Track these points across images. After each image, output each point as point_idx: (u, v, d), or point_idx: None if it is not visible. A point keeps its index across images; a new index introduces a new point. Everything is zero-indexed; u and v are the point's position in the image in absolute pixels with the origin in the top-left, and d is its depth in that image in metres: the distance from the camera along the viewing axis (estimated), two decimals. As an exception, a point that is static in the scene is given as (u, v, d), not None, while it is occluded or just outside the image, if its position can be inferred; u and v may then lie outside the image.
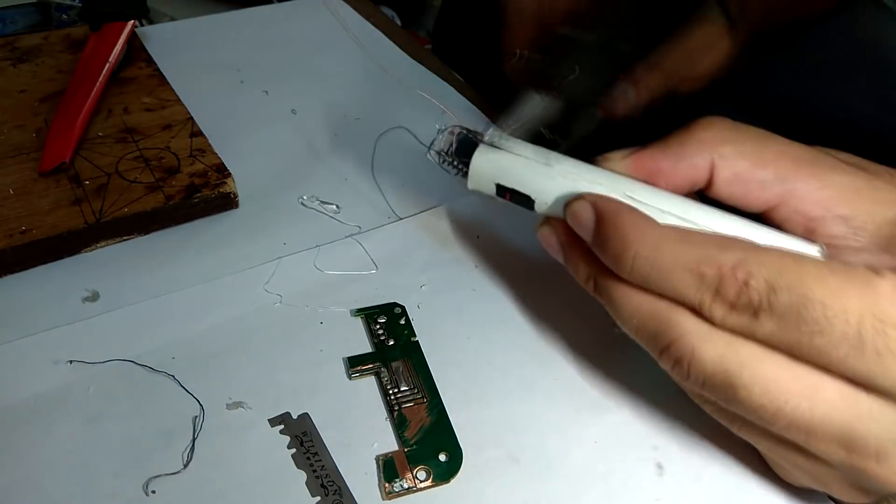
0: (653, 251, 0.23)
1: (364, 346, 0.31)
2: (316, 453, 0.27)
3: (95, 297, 0.33)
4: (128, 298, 0.33)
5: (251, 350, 0.31)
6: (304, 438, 0.28)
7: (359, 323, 0.32)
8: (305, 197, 0.39)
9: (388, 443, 0.28)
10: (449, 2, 0.74)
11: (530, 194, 0.27)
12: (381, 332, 0.32)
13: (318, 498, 0.26)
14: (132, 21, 0.45)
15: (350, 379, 0.30)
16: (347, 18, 0.55)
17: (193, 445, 0.27)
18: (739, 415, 0.24)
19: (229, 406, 0.29)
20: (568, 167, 0.27)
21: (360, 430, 0.28)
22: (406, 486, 0.27)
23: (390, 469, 0.27)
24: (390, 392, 0.29)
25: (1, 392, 0.29)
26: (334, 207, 0.38)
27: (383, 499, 0.26)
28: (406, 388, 0.30)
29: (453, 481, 0.27)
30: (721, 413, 0.25)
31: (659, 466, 0.28)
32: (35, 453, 0.27)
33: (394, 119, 0.45)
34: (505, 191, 0.28)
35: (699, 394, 0.25)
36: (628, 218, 0.24)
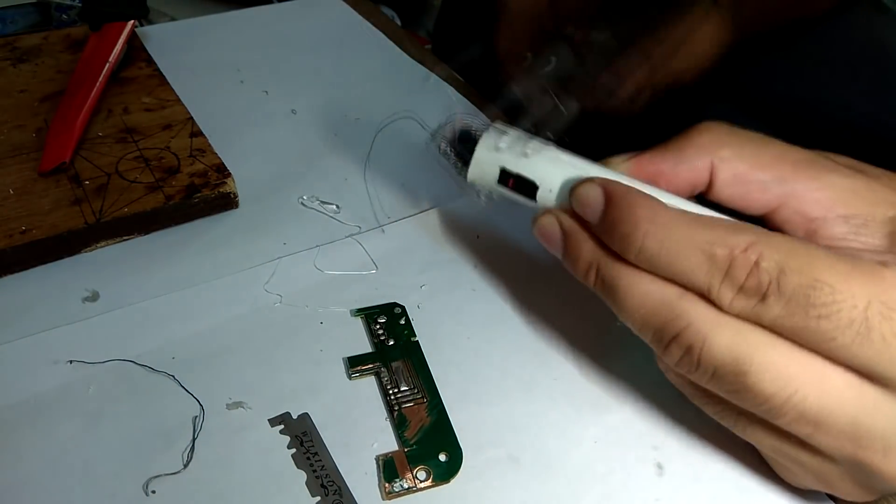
0: (663, 231, 0.23)
1: (364, 346, 0.31)
2: (316, 453, 0.27)
3: (95, 297, 0.33)
4: (128, 298, 0.33)
5: (251, 350, 0.31)
6: (304, 438, 0.28)
7: (359, 323, 0.32)
8: (305, 197, 0.39)
9: (388, 443, 0.28)
10: (449, 2, 0.74)
11: (535, 180, 0.27)
12: (381, 332, 0.32)
13: (318, 498, 0.26)
14: (132, 21, 0.45)
15: (350, 379, 0.30)
16: (347, 18, 0.55)
17: (193, 445, 0.27)
18: (745, 410, 0.24)
19: (229, 406, 0.29)
20: (574, 158, 0.27)
21: (360, 430, 0.28)
22: (406, 486, 0.27)
23: (390, 469, 0.27)
24: (390, 392, 0.29)
25: (1, 392, 0.29)
26: (334, 207, 0.38)
27: (383, 499, 0.26)
28: (406, 388, 0.30)
29: (453, 481, 0.27)
30: (724, 412, 0.25)
31: (659, 466, 0.28)
32: (35, 453, 0.27)
33: (393, 118, 0.45)
34: (508, 177, 0.27)
35: (704, 389, 0.25)
36: (639, 198, 0.24)
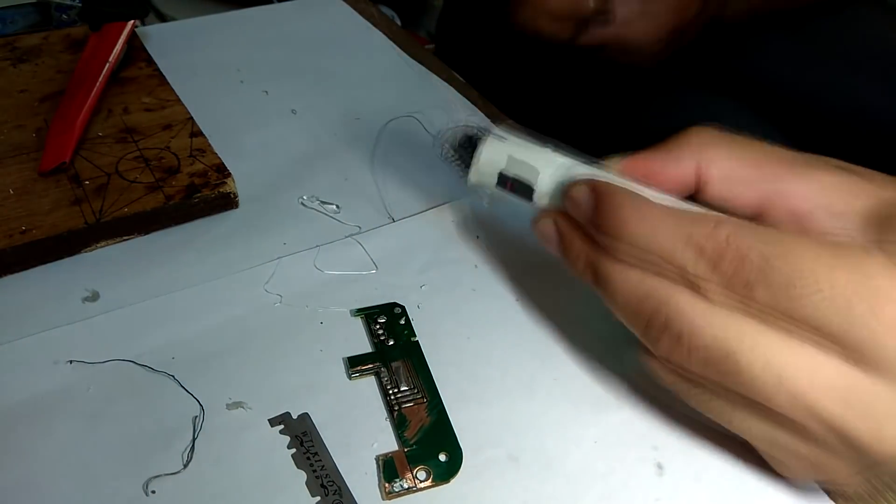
0: (649, 225, 0.24)
1: (364, 346, 0.31)
2: (316, 453, 0.27)
3: (95, 297, 0.33)
4: (128, 298, 0.33)
5: (251, 350, 0.31)
6: (304, 438, 0.28)
7: (359, 323, 0.32)
8: (305, 197, 0.39)
9: (388, 443, 0.28)
10: (451, 3, 0.74)
11: (531, 183, 0.29)
12: (381, 332, 0.32)
13: (318, 498, 0.26)
14: (132, 21, 0.45)
15: (350, 379, 0.30)
16: (347, 18, 0.55)
17: (193, 445, 0.27)
18: (739, 400, 0.24)
19: (229, 406, 0.29)
20: (568, 160, 0.29)
21: (360, 430, 0.28)
22: (406, 486, 0.27)
23: (390, 469, 0.27)
24: (390, 392, 0.29)
25: (1, 392, 0.29)
26: (334, 207, 0.38)
27: (383, 499, 0.26)
28: (406, 388, 0.30)
29: (453, 481, 0.27)
30: (719, 405, 0.25)
31: (659, 466, 0.28)
32: (35, 453, 0.27)
33: (394, 119, 0.45)
34: (507, 180, 0.29)
35: (697, 382, 0.25)
36: (626, 195, 0.25)
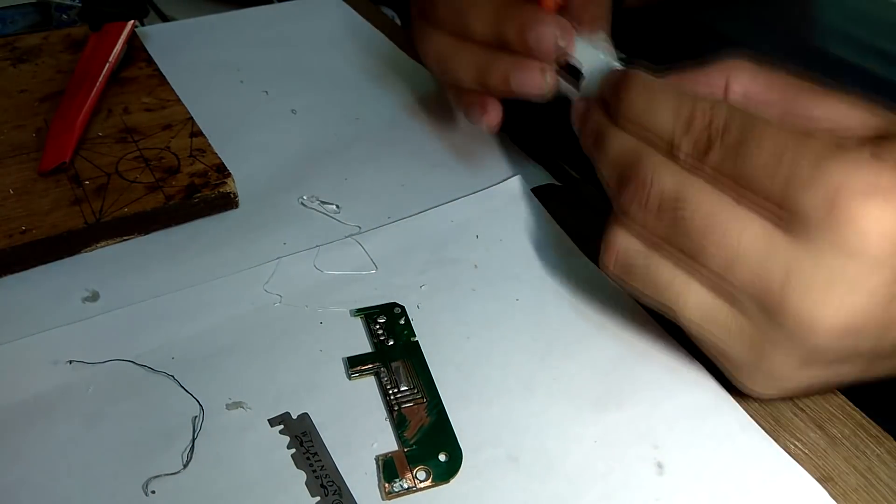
0: (648, 94, 0.28)
1: (364, 346, 0.31)
2: (316, 453, 0.27)
3: (95, 297, 0.33)
4: (127, 298, 0.33)
5: (251, 350, 0.31)
6: (304, 438, 0.28)
7: (359, 323, 0.32)
8: (305, 197, 0.39)
9: (388, 443, 0.28)
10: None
11: (584, 72, 0.34)
12: (381, 332, 0.32)
13: (318, 498, 0.26)
14: (132, 21, 0.45)
15: (350, 379, 0.30)
16: (347, 18, 0.55)
17: (193, 445, 0.27)
18: (683, 265, 0.27)
19: (229, 406, 0.29)
20: (616, 62, 0.33)
21: (360, 430, 0.28)
22: (406, 486, 0.27)
23: (390, 469, 0.27)
24: (390, 392, 0.30)
25: (1, 392, 0.29)
26: (334, 207, 0.38)
27: (383, 499, 0.26)
28: (406, 388, 0.30)
29: (453, 481, 0.27)
30: (664, 275, 0.27)
31: (659, 466, 0.28)
32: (35, 453, 0.27)
33: (394, 119, 0.45)
34: (579, 72, 0.34)
35: (651, 242, 0.27)
36: (640, 76, 0.29)
